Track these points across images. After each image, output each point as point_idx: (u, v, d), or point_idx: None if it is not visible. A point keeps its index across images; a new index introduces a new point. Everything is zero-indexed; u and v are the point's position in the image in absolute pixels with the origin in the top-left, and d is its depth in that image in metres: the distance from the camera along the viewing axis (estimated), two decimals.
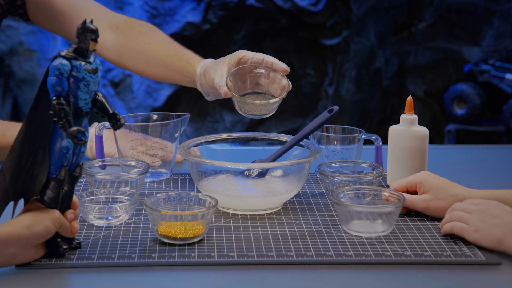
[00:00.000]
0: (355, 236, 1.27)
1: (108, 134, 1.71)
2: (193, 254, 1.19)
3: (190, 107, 4.89)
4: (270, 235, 1.28)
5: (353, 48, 4.96)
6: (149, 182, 1.58)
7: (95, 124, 1.74)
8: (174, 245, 1.22)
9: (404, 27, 4.98)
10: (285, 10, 4.89)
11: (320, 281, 1.12)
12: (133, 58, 1.72)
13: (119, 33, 1.72)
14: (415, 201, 1.35)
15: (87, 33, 1.11)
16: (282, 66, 1.52)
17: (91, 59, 1.13)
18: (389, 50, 4.99)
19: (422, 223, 1.33)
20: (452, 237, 1.26)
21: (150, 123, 1.60)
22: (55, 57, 1.10)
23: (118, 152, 1.60)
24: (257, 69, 1.51)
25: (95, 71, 1.13)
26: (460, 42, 4.93)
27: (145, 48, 1.70)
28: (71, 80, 1.10)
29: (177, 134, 1.60)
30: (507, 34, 4.85)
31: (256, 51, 1.53)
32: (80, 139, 1.10)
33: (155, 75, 1.74)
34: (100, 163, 1.52)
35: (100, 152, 1.57)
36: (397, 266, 1.17)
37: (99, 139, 1.57)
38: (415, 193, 1.38)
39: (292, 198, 1.47)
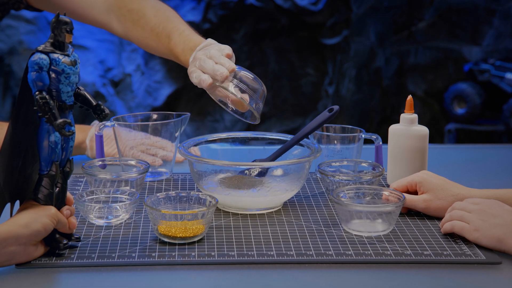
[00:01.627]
0: (355, 235, 1.27)
1: (108, 133, 1.71)
2: (193, 254, 1.19)
3: (190, 107, 4.89)
4: (270, 234, 1.28)
5: (353, 47, 4.96)
6: (149, 181, 1.58)
7: (96, 123, 1.74)
8: (174, 244, 1.22)
9: (404, 26, 4.98)
10: (285, 9, 4.89)
11: (320, 280, 1.12)
12: (139, 44, 1.73)
13: (116, 18, 1.73)
14: (415, 201, 1.35)
15: (62, 26, 1.12)
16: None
17: (69, 52, 1.13)
18: (389, 50, 4.99)
19: (422, 222, 1.33)
20: (452, 236, 1.26)
21: (150, 123, 1.60)
22: (33, 53, 1.11)
23: (118, 151, 1.60)
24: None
25: (74, 63, 1.13)
26: (460, 41, 4.93)
27: (145, 42, 1.70)
28: (52, 74, 1.11)
29: (177, 134, 1.60)
30: (507, 33, 4.85)
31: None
32: (68, 131, 1.10)
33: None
34: (100, 162, 1.52)
35: (100, 152, 1.57)
36: (397, 265, 1.17)
37: (99, 138, 1.57)
38: (415, 192, 1.38)
39: (292, 197, 1.47)
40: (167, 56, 1.67)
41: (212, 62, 1.45)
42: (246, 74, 1.45)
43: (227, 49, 1.49)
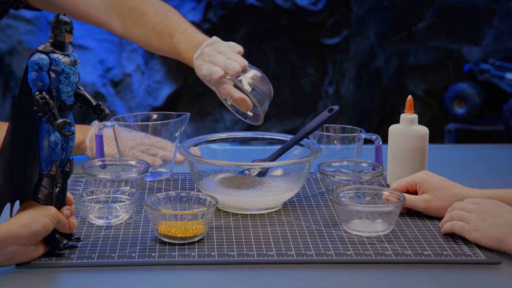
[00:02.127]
0: (355, 235, 1.27)
1: (108, 133, 1.71)
2: (193, 254, 1.19)
3: (190, 107, 4.89)
4: (270, 234, 1.28)
5: (353, 47, 4.96)
6: (149, 181, 1.58)
7: (95, 123, 1.74)
8: (174, 244, 1.22)
9: (404, 26, 4.98)
10: (285, 9, 4.89)
11: (320, 280, 1.12)
12: (139, 42, 1.73)
13: (116, 17, 1.72)
14: (415, 201, 1.35)
15: (62, 26, 1.12)
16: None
17: (69, 52, 1.13)
18: (389, 50, 4.99)
19: (422, 222, 1.33)
20: (452, 236, 1.26)
21: (150, 123, 1.60)
22: (33, 53, 1.11)
23: (118, 151, 1.60)
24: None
25: (74, 63, 1.13)
26: (460, 41, 4.92)
27: (145, 40, 1.70)
28: (52, 74, 1.11)
29: (177, 134, 1.60)
30: (507, 33, 4.85)
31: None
32: (68, 131, 1.10)
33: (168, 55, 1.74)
34: (100, 162, 1.52)
35: (100, 152, 1.57)
36: (397, 265, 1.17)
37: (99, 138, 1.57)
38: (415, 192, 1.38)
39: (292, 197, 1.47)
40: (169, 54, 1.67)
41: (223, 57, 1.45)
42: (256, 73, 1.45)
43: (238, 46, 1.49)
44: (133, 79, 4.84)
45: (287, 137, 1.52)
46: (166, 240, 1.23)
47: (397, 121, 1.52)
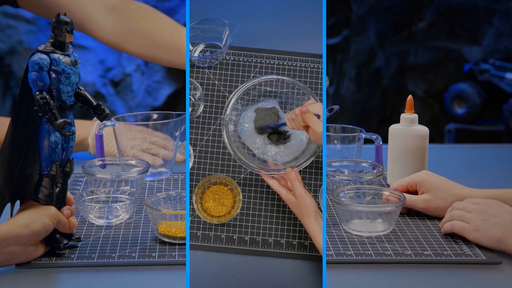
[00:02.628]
0: (355, 235, 1.27)
1: (109, 132, 1.71)
2: None
3: None
4: None
5: (353, 47, 4.96)
6: (149, 181, 1.58)
7: (96, 122, 1.74)
8: (174, 244, 1.22)
9: (404, 26, 4.98)
10: None
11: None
12: (138, 43, 1.70)
13: (116, 15, 1.70)
14: (415, 201, 1.35)
15: (62, 26, 1.12)
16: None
17: (69, 52, 1.13)
18: (389, 50, 4.99)
19: (423, 222, 1.33)
20: (453, 236, 1.26)
21: (150, 122, 1.60)
22: (33, 53, 1.11)
23: (119, 151, 1.60)
24: None
25: (74, 63, 1.14)
26: (460, 41, 4.92)
27: (153, 33, 1.67)
28: (52, 74, 1.11)
29: (177, 134, 1.60)
30: (507, 33, 4.85)
31: None
32: (68, 131, 1.10)
33: (165, 61, 1.70)
34: (100, 162, 1.52)
35: (100, 151, 1.57)
36: (397, 265, 1.17)
37: (99, 138, 1.57)
38: (416, 192, 1.38)
39: None
40: (182, 49, 1.64)
41: None
42: None
43: None
44: (133, 79, 4.84)
45: None
46: (166, 240, 1.23)
47: (397, 121, 1.52)
